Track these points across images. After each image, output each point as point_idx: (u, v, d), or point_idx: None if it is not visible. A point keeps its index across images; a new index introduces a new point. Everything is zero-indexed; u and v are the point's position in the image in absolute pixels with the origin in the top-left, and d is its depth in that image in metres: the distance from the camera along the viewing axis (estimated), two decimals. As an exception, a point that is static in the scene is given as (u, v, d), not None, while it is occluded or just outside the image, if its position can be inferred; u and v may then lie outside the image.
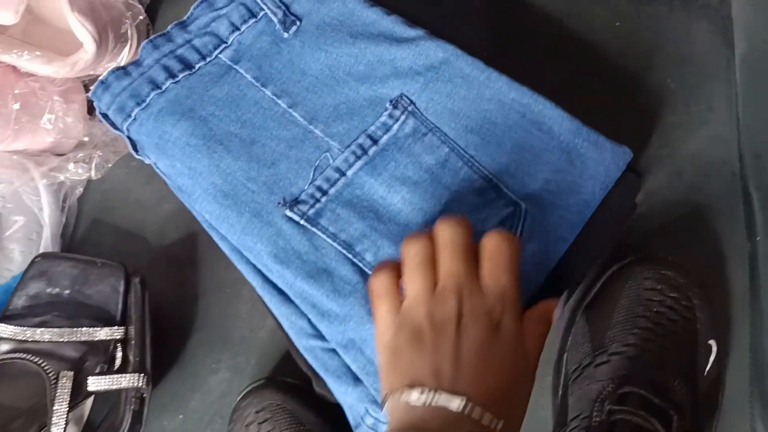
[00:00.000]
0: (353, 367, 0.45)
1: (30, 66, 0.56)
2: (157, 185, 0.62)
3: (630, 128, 0.57)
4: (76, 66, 0.56)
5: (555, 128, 0.47)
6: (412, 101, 0.49)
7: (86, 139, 0.61)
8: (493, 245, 0.39)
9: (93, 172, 0.61)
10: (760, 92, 0.57)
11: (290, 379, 0.53)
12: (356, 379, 0.45)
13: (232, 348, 0.58)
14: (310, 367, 0.49)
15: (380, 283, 0.41)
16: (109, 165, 0.61)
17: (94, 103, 0.52)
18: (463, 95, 0.49)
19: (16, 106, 0.54)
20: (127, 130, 0.51)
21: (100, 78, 0.51)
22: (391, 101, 0.49)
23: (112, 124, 0.52)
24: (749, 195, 0.55)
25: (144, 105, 0.51)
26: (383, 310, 0.40)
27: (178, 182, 0.50)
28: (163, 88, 0.51)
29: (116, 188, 0.63)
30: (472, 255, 0.40)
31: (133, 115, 0.51)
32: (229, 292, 0.59)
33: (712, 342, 0.47)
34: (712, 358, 0.47)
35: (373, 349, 0.44)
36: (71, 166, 0.60)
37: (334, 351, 0.46)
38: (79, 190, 0.63)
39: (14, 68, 0.57)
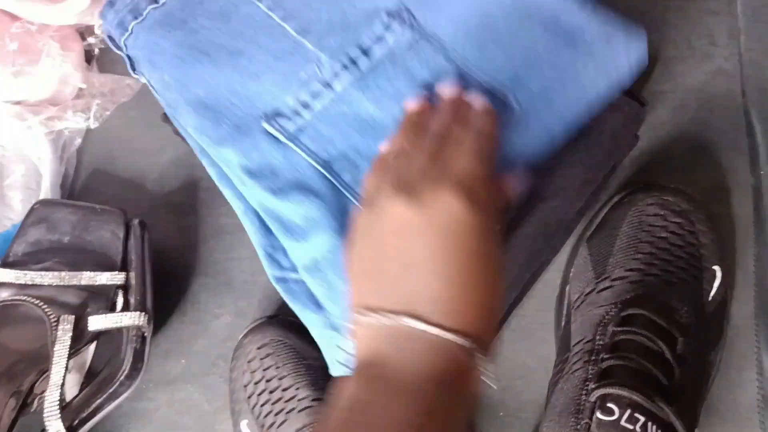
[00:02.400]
0: (317, 292, 0.44)
1: (25, 11, 0.55)
2: (157, 133, 0.62)
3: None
4: (72, 10, 0.56)
5: (562, 18, 0.44)
6: (410, 11, 0.47)
7: (84, 86, 0.60)
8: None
9: (91, 121, 0.60)
10: (762, 26, 0.57)
11: (292, 318, 0.52)
12: (319, 306, 0.45)
13: (234, 292, 0.58)
14: None
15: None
16: (108, 113, 0.61)
17: (102, 25, 0.52)
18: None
19: (13, 46, 0.54)
20: (125, 45, 0.51)
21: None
22: (387, 13, 0.47)
23: (116, 45, 0.52)
24: (753, 128, 0.55)
25: (141, 18, 0.51)
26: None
27: (167, 98, 0.50)
28: (160, 2, 0.51)
29: (116, 137, 0.63)
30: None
31: (129, 28, 0.51)
32: (230, 238, 0.59)
33: (716, 267, 0.46)
34: (716, 284, 0.46)
35: (336, 273, 0.43)
36: (69, 114, 0.60)
37: (303, 282, 0.46)
38: (78, 140, 0.63)
39: (10, 14, 0.57)
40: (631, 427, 0.38)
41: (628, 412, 0.39)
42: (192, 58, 0.49)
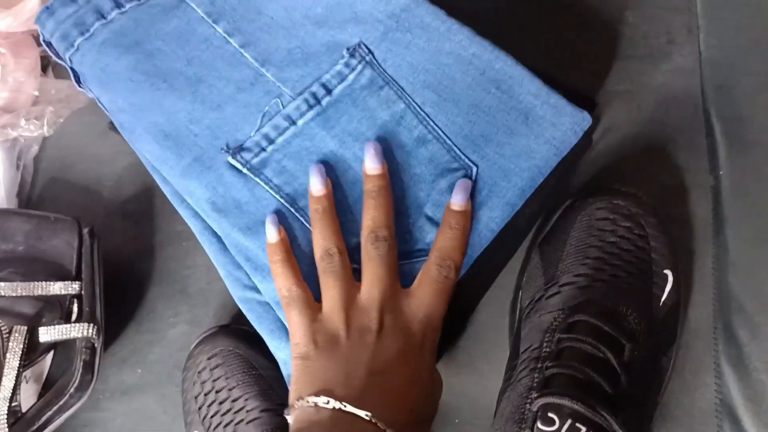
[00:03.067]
0: (287, 324, 0.43)
1: (-28, 18, 0.55)
2: (113, 139, 0.60)
3: (587, 63, 0.55)
4: (20, 15, 0.55)
5: (515, 88, 0.45)
6: (370, 50, 0.47)
7: (37, 94, 0.60)
8: (434, 275, 0.40)
9: (45, 129, 0.60)
10: (721, 23, 0.56)
11: (244, 327, 0.52)
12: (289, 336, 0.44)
13: (190, 300, 0.57)
14: None
15: (288, 289, 0.41)
16: (62, 120, 0.60)
17: (38, 30, 0.50)
18: (421, 47, 0.47)
19: (-43, 55, 0.54)
20: (70, 60, 0.50)
21: (45, 4, 0.50)
22: (348, 49, 0.47)
23: (56, 54, 0.51)
24: (712, 128, 0.54)
25: (88, 35, 0.49)
26: (296, 317, 0.40)
27: (120, 119, 0.49)
28: (109, 18, 0.49)
29: (72, 144, 0.62)
30: (397, 270, 0.41)
31: (75, 44, 0.49)
32: (186, 245, 0.58)
33: (667, 271, 0.46)
34: (668, 288, 0.45)
35: None
36: (23, 122, 0.59)
37: (269, 304, 0.45)
38: (35, 148, 0.62)
39: (-42, 22, 0.56)
40: (572, 437, 0.38)
41: (569, 422, 0.38)
42: (149, 84, 0.48)
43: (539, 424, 0.39)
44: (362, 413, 0.35)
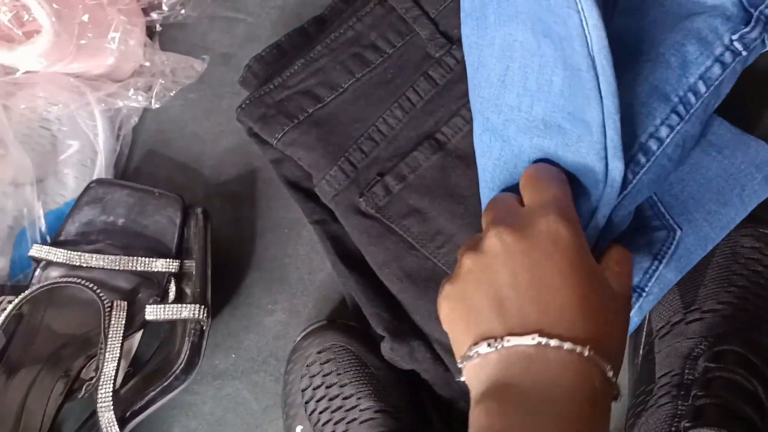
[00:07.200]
0: None
1: (96, -19, 0.53)
2: (216, 119, 0.60)
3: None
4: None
5: (737, 155, 0.42)
6: None
7: (147, 64, 0.58)
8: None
9: (153, 101, 0.58)
10: None
11: (353, 323, 0.51)
12: None
13: (289, 289, 0.56)
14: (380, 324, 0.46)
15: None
16: (171, 94, 0.59)
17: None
18: None
19: (85, 17, 0.51)
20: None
21: None
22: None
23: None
24: None
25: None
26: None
27: None
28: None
29: (173, 119, 0.61)
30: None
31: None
32: (287, 233, 0.57)
33: (810, 306, 0.44)
34: (809, 323, 0.44)
35: None
36: (131, 92, 0.57)
37: None
38: (135, 119, 0.60)
39: (81, -16, 0.54)
40: (726, 470, 0.37)
41: (723, 454, 0.37)
42: None
43: (692, 455, 0.37)
44: (527, 338, 0.30)
